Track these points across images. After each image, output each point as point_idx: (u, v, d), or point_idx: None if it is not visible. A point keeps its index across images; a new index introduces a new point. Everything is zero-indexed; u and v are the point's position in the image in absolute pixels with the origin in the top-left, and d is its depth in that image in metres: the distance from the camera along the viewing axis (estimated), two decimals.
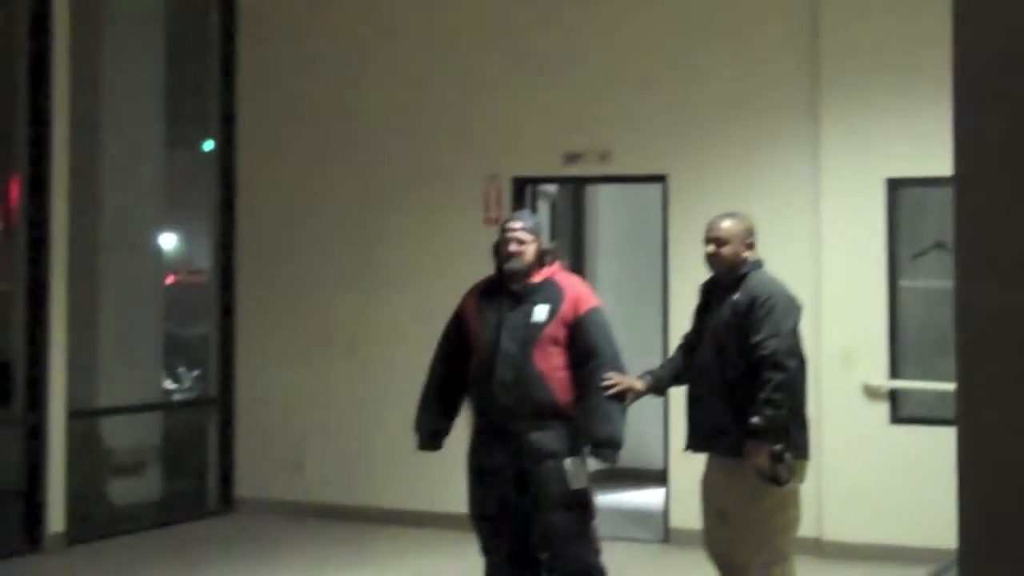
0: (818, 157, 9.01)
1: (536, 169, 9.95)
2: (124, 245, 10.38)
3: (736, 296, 5.82)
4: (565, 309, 6.20)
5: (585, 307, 6.24)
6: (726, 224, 5.97)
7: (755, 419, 5.54)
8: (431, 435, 6.51)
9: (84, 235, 9.54)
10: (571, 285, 6.37)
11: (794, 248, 9.07)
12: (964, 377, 2.11)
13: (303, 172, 10.52)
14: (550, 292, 6.26)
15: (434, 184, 10.08)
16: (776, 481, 5.55)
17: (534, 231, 6.37)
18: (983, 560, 2.05)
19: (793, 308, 5.83)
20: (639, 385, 6.05)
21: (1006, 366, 2.03)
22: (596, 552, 6.23)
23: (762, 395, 5.57)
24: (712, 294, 6.05)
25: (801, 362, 5.83)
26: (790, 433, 5.65)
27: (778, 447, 5.54)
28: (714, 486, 5.93)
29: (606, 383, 6.01)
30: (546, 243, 6.41)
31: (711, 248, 5.93)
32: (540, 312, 6.19)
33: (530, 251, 6.31)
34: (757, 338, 5.66)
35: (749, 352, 5.68)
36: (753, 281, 5.82)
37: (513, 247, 6.30)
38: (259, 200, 10.65)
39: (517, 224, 6.40)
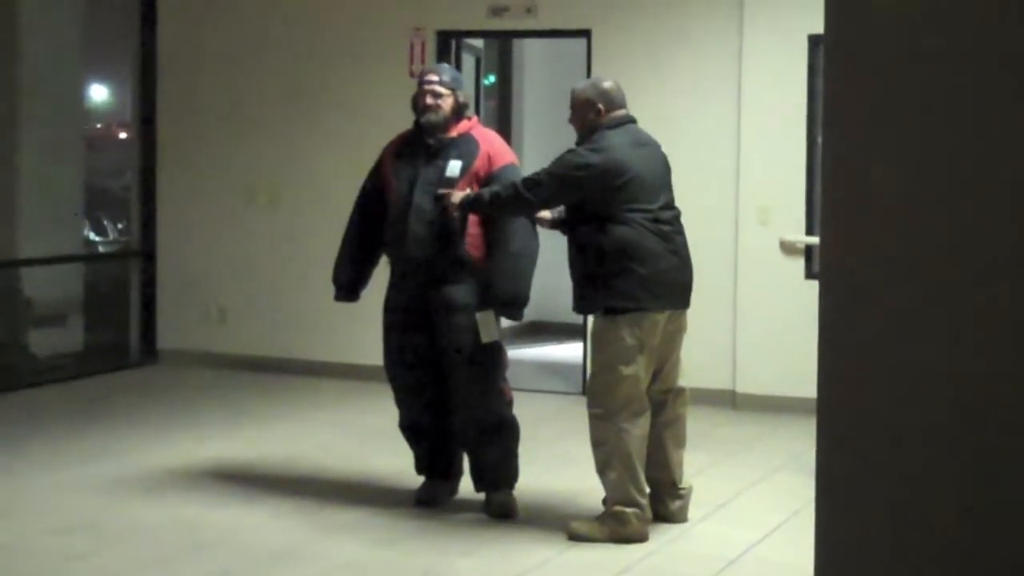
0: (741, 13, 8.99)
1: (461, 23, 9.86)
2: (44, 94, 10.22)
3: None
4: (479, 165, 6.23)
5: (499, 163, 6.27)
6: (575, 90, 6.19)
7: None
8: (348, 286, 6.57)
9: (1, 83, 9.38)
10: (487, 140, 6.37)
11: (715, 105, 9.10)
12: (826, 227, 2.14)
13: (227, 24, 10.36)
14: (465, 147, 6.26)
15: (358, 36, 9.97)
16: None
17: (452, 85, 6.34)
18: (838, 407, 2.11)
19: (576, 166, 5.91)
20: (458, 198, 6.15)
21: (864, 222, 2.06)
22: (508, 403, 6.33)
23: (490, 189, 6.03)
24: None
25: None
26: (613, 286, 5.84)
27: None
28: None
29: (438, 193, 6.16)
30: (463, 97, 6.39)
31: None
32: (454, 167, 6.21)
33: (447, 105, 6.29)
34: None
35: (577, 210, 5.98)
36: (576, 151, 6.02)
37: (429, 100, 6.28)
38: (181, 50, 10.50)
39: (434, 77, 6.37)
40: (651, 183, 5.97)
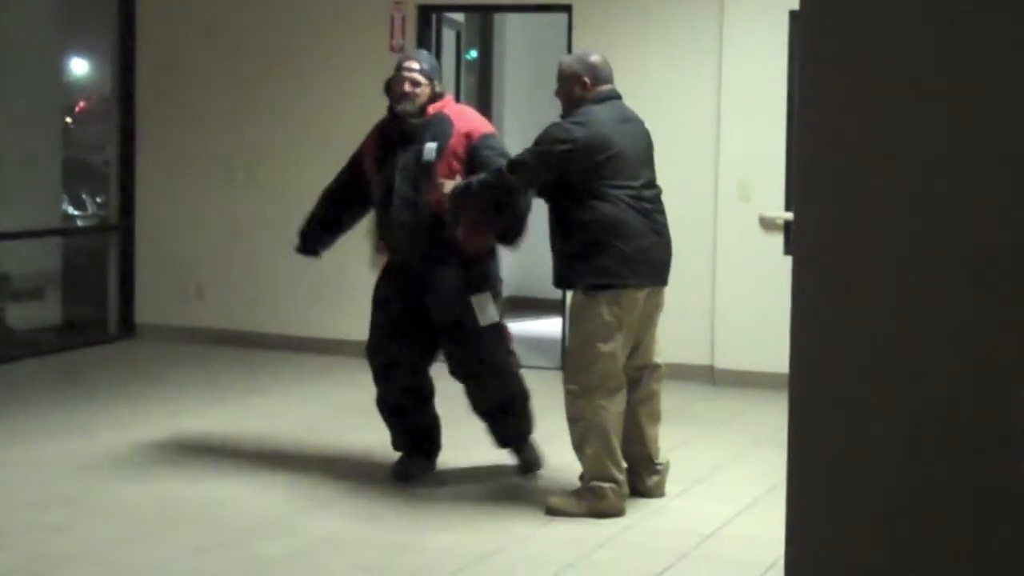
0: None
1: None
2: (21, 68, 10.16)
3: None
4: (454, 143, 6.21)
5: (478, 135, 6.27)
6: (561, 63, 6.15)
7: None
8: (312, 240, 6.75)
9: None
10: (461, 116, 6.36)
11: (696, 80, 9.10)
12: (800, 199, 2.15)
13: None
14: (439, 128, 6.25)
15: (340, 10, 9.93)
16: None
17: (430, 73, 6.31)
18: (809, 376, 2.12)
19: (560, 139, 5.88)
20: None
21: (836, 195, 2.06)
22: (517, 368, 6.45)
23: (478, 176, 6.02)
24: None
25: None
26: (591, 262, 5.86)
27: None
28: None
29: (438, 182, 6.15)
30: (440, 87, 6.37)
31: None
32: (430, 150, 6.20)
33: (424, 94, 6.26)
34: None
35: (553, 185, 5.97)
36: (560, 124, 5.99)
37: (407, 87, 6.25)
38: (160, 25, 10.44)
39: (414, 64, 6.32)
40: (634, 159, 5.96)
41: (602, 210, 5.82)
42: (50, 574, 5.18)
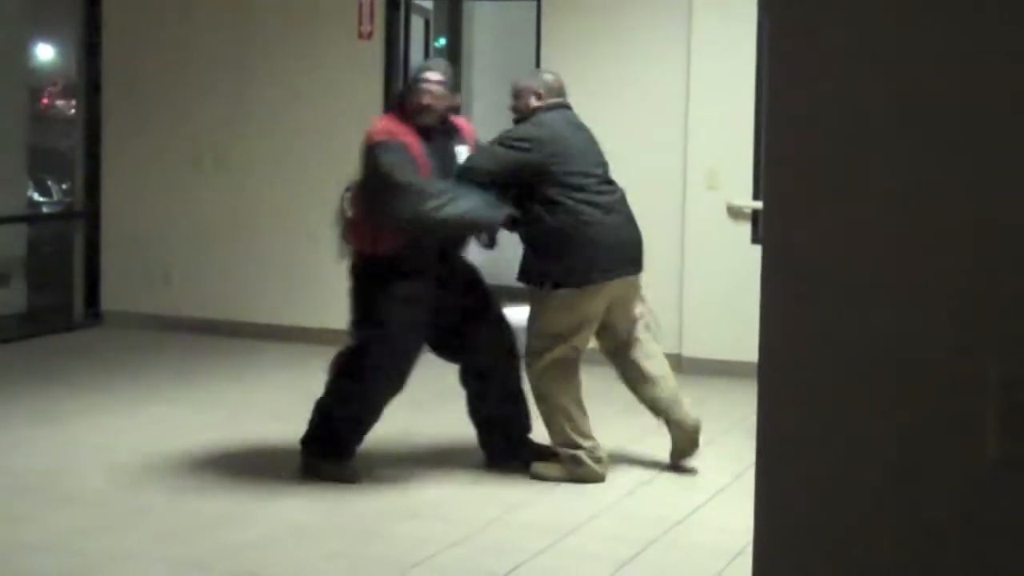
0: None
1: None
2: None
3: None
4: (471, 143, 6.43)
5: (473, 135, 6.52)
6: (517, 81, 6.48)
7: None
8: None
9: None
10: (459, 122, 6.55)
11: (664, 68, 9.10)
12: (769, 193, 2.14)
13: None
14: (456, 132, 6.41)
15: None
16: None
17: (450, 86, 6.35)
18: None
19: (520, 138, 6.19)
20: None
21: (805, 192, 2.06)
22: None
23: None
24: None
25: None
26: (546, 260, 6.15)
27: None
28: None
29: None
30: (458, 99, 6.55)
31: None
32: (461, 153, 6.31)
33: (443, 107, 6.28)
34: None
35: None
36: (519, 126, 6.31)
37: (427, 100, 6.19)
38: (126, 10, 10.38)
39: (437, 77, 6.27)
40: (589, 160, 6.31)
41: (562, 209, 6.13)
42: (17, 563, 5.16)
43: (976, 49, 1.92)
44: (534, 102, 6.34)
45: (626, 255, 6.30)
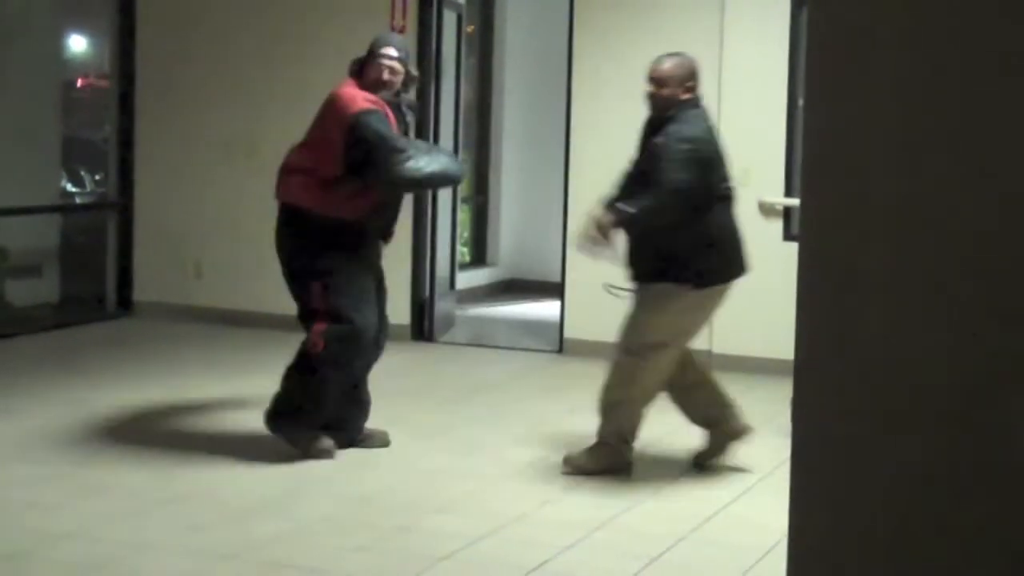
0: None
1: None
2: (19, 43, 10.13)
3: (657, 138, 6.05)
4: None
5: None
6: (667, 66, 6.18)
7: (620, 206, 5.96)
8: None
9: None
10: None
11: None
12: (806, 192, 2.13)
13: None
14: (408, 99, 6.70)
15: None
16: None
17: (406, 59, 6.56)
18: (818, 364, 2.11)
19: (694, 159, 5.96)
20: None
21: (843, 187, 2.05)
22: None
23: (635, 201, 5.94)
24: (647, 132, 6.25)
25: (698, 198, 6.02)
26: (679, 260, 6.04)
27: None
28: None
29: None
30: (414, 69, 6.67)
31: (650, 88, 6.16)
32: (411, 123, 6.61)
33: (399, 80, 6.50)
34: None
35: None
36: (674, 126, 6.00)
37: (387, 76, 6.46)
38: (160, 2, 10.41)
39: (394, 52, 6.52)
40: (725, 159, 6.24)
41: (712, 211, 6.07)
42: (44, 551, 5.17)
43: None
44: (683, 93, 6.11)
45: (743, 256, 6.34)
